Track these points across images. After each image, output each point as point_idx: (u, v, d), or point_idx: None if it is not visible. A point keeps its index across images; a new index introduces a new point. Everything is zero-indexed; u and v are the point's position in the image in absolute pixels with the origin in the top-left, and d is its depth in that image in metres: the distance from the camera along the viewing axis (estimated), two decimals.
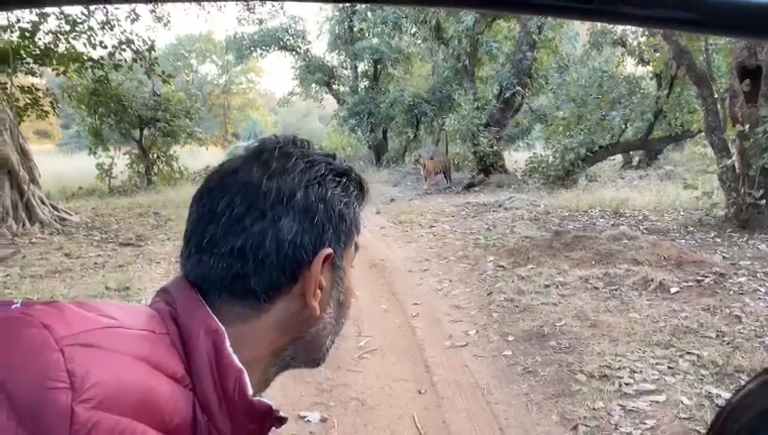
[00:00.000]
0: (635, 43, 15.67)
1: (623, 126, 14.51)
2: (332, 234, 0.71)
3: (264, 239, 0.67)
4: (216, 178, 0.72)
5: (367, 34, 24.80)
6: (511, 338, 4.54)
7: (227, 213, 0.68)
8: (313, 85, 27.05)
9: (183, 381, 0.62)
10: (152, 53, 12.25)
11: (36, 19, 11.30)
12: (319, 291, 0.71)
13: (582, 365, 3.87)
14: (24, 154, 10.77)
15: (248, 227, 0.67)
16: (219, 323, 0.66)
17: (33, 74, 12.30)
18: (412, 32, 21.81)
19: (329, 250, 0.71)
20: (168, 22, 13.57)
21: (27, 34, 11.26)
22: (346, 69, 27.15)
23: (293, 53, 26.82)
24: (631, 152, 18.89)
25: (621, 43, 16.16)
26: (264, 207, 0.67)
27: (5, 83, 10.96)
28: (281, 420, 0.70)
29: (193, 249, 0.70)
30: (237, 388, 0.64)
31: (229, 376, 0.64)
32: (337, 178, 0.74)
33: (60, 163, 22.72)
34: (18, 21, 11.18)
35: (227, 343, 0.65)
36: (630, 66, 17.14)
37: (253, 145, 0.75)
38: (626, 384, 3.58)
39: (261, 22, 26.20)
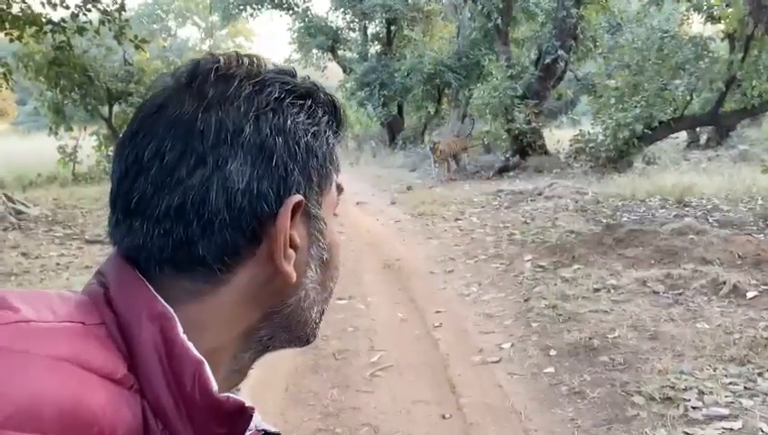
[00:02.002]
0: None
1: (688, 97, 14.34)
2: (300, 175, 0.65)
3: (207, 192, 0.61)
4: (138, 119, 0.65)
5: None
6: (553, 352, 4.53)
7: (157, 163, 0.62)
8: (315, 51, 27.06)
9: (125, 381, 0.57)
10: (123, 13, 12.25)
11: None
12: (292, 251, 0.65)
13: (640, 385, 3.85)
14: None
15: (185, 178, 0.61)
16: (166, 305, 0.61)
17: None
18: None
19: (298, 197, 0.65)
20: None
21: None
22: (353, 31, 27.16)
23: (290, 12, 26.85)
24: (698, 129, 18.70)
25: None
26: (202, 150, 0.61)
27: None
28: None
29: (121, 215, 0.64)
30: (197, 384, 0.59)
31: (185, 370, 0.59)
32: (299, 102, 0.67)
33: (15, 146, 22.99)
34: None
35: (179, 329, 0.60)
36: (697, 25, 16.99)
37: (182, 70, 0.67)
38: (693, 408, 3.55)
39: None
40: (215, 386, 0.59)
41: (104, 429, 0.53)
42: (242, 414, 0.61)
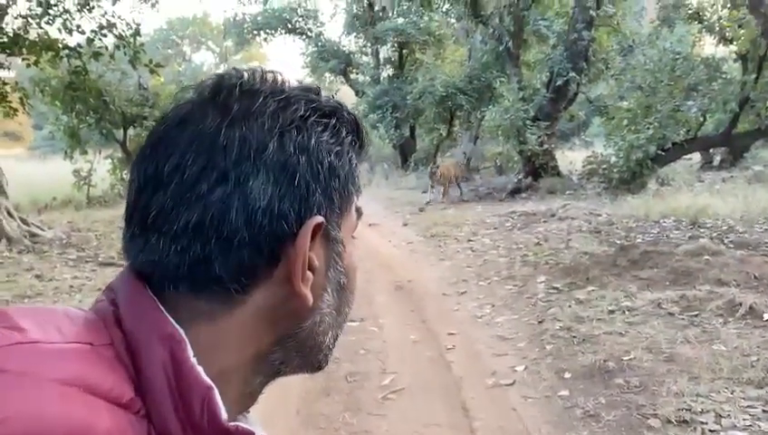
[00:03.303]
0: (714, 17, 15.51)
1: (701, 118, 14.32)
2: (321, 196, 0.63)
3: (228, 209, 0.59)
4: (160, 131, 0.64)
5: (390, 13, 24.94)
6: (568, 375, 4.48)
7: (177, 177, 0.60)
8: (327, 75, 27.31)
9: (132, 406, 0.56)
10: (137, 38, 12.41)
11: (4, 2, 11.55)
12: (310, 273, 0.63)
13: (656, 408, 3.79)
14: None
15: (206, 195, 0.59)
16: (177, 327, 0.59)
17: (1, 66, 12.56)
18: (444, 9, 21.88)
19: (319, 218, 0.63)
20: (157, 2, 13.75)
21: None
22: (366, 55, 27.39)
23: (303, 36, 27.13)
24: (712, 150, 18.63)
25: (698, 18, 16.00)
26: (225, 166, 0.60)
27: None
28: None
29: (137, 229, 0.63)
30: (206, 411, 0.57)
31: (194, 396, 0.57)
32: (323, 120, 0.66)
33: (31, 169, 23.17)
34: None
35: (189, 353, 0.58)
36: (709, 46, 16.97)
37: (206, 83, 0.66)
38: (711, 432, 3.49)
39: (266, 1, 26.60)
40: (224, 414, 0.58)
41: None
42: None
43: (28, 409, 0.49)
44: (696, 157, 19.23)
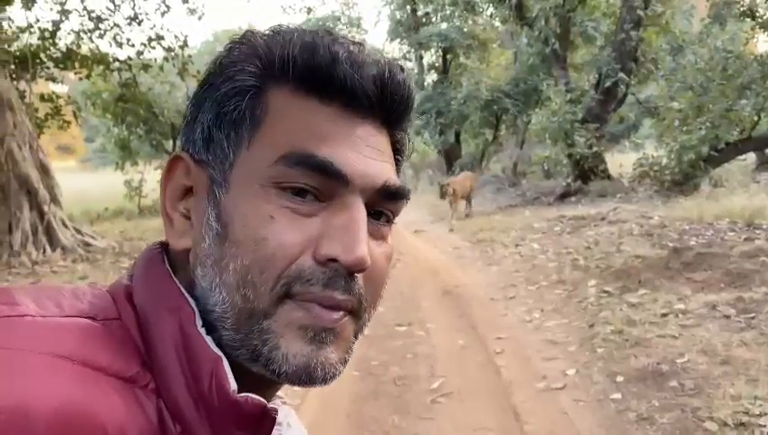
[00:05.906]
0: None
1: (755, 117, 14.00)
2: (193, 133, 0.63)
3: None
4: None
5: (434, 18, 25.04)
6: (620, 378, 4.42)
7: None
8: None
9: (138, 380, 0.53)
10: (185, 50, 12.69)
11: (57, 17, 11.94)
12: (182, 208, 0.64)
13: (712, 411, 3.72)
14: (44, 171, 11.30)
15: None
16: (187, 297, 0.58)
17: (54, 80, 12.96)
18: (488, 13, 21.86)
19: (179, 154, 0.64)
20: (203, 15, 14.05)
21: (47, 35, 11.90)
22: (410, 60, 27.43)
23: None
24: (767, 150, 18.18)
25: (750, 15, 15.63)
26: None
27: (24, 91, 11.57)
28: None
29: None
30: (214, 383, 0.54)
31: (202, 368, 0.54)
32: (222, 55, 0.65)
33: (84, 181, 23.84)
34: (37, 20, 11.86)
35: (197, 323, 0.56)
36: (763, 43, 16.57)
37: None
38: None
39: (309, 10, 26.85)
40: (233, 385, 0.55)
41: (108, 431, 0.48)
42: (264, 416, 0.56)
43: (16, 380, 0.46)
44: (751, 157, 18.80)
